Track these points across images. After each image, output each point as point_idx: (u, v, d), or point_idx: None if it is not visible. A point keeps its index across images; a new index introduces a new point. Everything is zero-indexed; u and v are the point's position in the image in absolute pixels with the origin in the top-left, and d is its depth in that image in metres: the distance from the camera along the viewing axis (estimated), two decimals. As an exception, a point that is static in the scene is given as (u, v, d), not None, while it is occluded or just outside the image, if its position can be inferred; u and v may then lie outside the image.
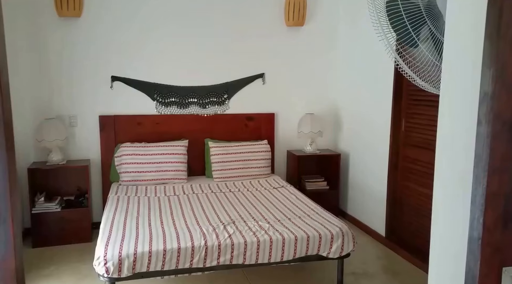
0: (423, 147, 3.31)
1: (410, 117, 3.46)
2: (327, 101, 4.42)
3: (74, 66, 3.70)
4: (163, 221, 2.78)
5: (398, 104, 3.55)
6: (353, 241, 2.74)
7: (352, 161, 4.24)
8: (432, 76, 1.63)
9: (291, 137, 4.33)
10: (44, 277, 2.92)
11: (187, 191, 3.52)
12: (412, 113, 3.43)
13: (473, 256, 0.94)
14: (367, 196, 3.98)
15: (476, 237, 0.93)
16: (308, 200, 3.31)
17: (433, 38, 1.53)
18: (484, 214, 0.90)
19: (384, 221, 3.71)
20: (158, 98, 3.91)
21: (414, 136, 3.41)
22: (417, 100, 3.36)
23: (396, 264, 3.33)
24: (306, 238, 2.61)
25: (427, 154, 3.23)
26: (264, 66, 4.18)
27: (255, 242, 2.52)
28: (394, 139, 3.59)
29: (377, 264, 3.32)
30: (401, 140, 3.56)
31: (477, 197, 0.92)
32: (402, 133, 3.55)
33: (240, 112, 4.13)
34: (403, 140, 3.54)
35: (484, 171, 0.88)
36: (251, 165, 3.91)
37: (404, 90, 3.50)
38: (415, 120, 3.40)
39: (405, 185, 3.51)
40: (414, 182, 3.41)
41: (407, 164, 3.50)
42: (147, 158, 3.65)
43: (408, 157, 3.48)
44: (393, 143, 3.60)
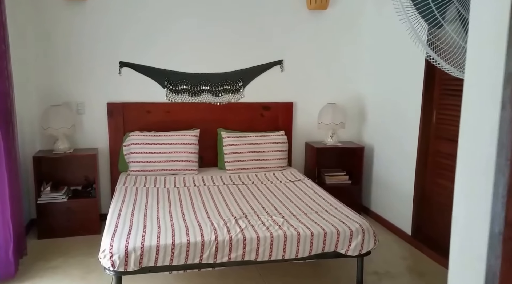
0: (456, 141, 3.22)
1: (442, 108, 3.40)
2: (350, 91, 4.39)
3: (81, 51, 3.77)
4: (172, 213, 2.83)
5: (429, 95, 3.49)
6: (374, 238, 2.73)
7: (377, 155, 4.21)
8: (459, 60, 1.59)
9: (310, 128, 4.32)
10: (50, 269, 3.03)
11: (198, 182, 3.56)
12: (445, 104, 3.37)
13: (494, 253, 0.94)
14: (392, 192, 3.95)
15: (497, 232, 0.92)
16: (327, 194, 3.30)
17: (461, 19, 1.50)
18: (506, 207, 0.90)
19: (410, 219, 3.68)
20: (168, 85, 3.96)
21: (446, 129, 3.35)
22: (451, 90, 3.29)
23: (422, 265, 3.31)
24: (323, 234, 2.62)
25: (459, 148, 3.18)
26: (283, 52, 4.16)
27: (268, 238, 2.54)
28: (424, 132, 3.54)
29: (401, 264, 3.31)
30: (432, 133, 3.51)
31: (499, 188, 0.91)
32: (433, 125, 3.50)
33: (256, 101, 4.14)
34: (434, 133, 3.49)
35: (506, 160, 0.87)
36: (266, 157, 3.93)
37: (437, 80, 3.44)
38: (448, 112, 3.33)
39: (435, 181, 3.47)
40: (445, 178, 3.36)
41: (437, 159, 3.45)
42: (157, 147, 3.71)
43: (439, 151, 3.43)
44: (422, 136, 3.55)
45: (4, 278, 2.75)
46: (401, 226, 3.82)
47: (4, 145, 2.73)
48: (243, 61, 4.09)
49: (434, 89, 3.48)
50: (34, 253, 3.23)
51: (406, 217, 3.73)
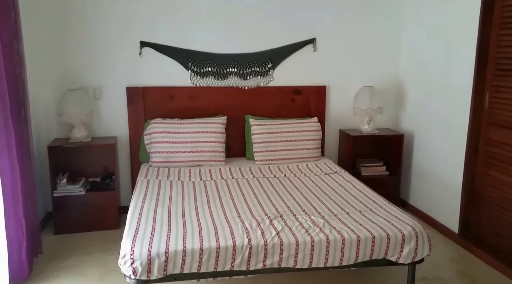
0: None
1: (496, 91, 2.98)
2: (388, 73, 3.96)
3: (98, 31, 3.44)
4: (198, 211, 2.51)
5: (481, 76, 3.06)
6: (429, 243, 2.37)
7: (417, 143, 3.80)
8: None
9: (344, 114, 3.93)
10: (66, 269, 2.76)
11: (225, 175, 3.23)
12: (499, 87, 2.95)
13: None
14: (436, 185, 3.55)
15: None
16: (368, 189, 2.94)
17: None
18: None
19: (457, 215, 3.30)
20: (193, 67, 3.59)
21: (501, 115, 2.94)
22: (506, 71, 2.87)
23: (474, 268, 2.94)
24: (371, 238, 2.26)
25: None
26: (316, 30, 3.76)
27: (308, 242, 2.20)
28: (474, 118, 3.12)
29: (451, 268, 2.94)
30: (484, 120, 3.09)
31: None
32: (485, 110, 3.07)
33: (287, 84, 3.76)
34: (487, 119, 3.07)
35: None
36: (298, 146, 3.56)
37: (490, 59, 3.00)
38: (503, 95, 2.92)
39: (487, 173, 3.07)
40: (498, 170, 2.97)
41: (490, 148, 3.05)
42: (180, 136, 3.37)
43: (492, 139, 3.02)
44: (473, 122, 3.13)
45: (18, 280, 2.49)
46: (446, 223, 3.43)
47: (16, 135, 2.43)
48: (273, 40, 3.69)
49: (487, 69, 3.04)
50: (50, 251, 2.97)
51: (452, 213, 3.34)
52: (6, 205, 2.35)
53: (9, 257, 2.37)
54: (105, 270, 2.73)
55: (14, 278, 2.45)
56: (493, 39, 2.97)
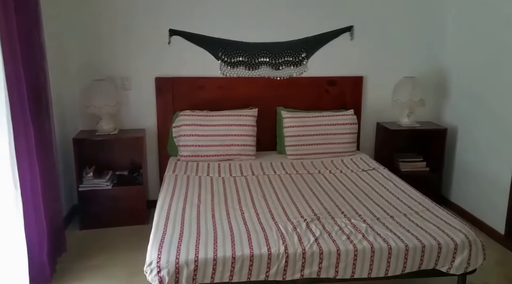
0: None
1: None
2: (431, 62, 3.61)
3: (126, 18, 3.21)
4: (229, 212, 2.28)
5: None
6: (483, 252, 2.08)
7: (461, 138, 3.45)
8: None
9: (382, 106, 3.60)
10: (91, 269, 2.58)
11: (256, 170, 2.98)
12: None
13: None
14: (481, 182, 3.22)
15: None
16: (412, 189, 2.64)
17: None
18: None
19: (504, 215, 2.98)
20: (223, 57, 3.33)
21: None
22: None
23: (524, 274, 2.62)
24: (421, 248, 1.99)
25: None
26: (353, 17, 3.43)
27: (351, 251, 1.94)
28: (529, 113, 2.77)
29: (498, 273, 2.63)
30: (542, 114, 2.72)
31: None
32: (544, 104, 2.70)
33: (321, 75, 3.46)
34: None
35: None
36: (333, 140, 3.27)
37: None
38: None
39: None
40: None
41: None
42: (210, 129, 3.14)
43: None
44: (528, 117, 2.77)
45: (39, 282, 2.32)
46: (491, 223, 3.11)
47: (35, 131, 2.24)
48: (308, 28, 3.38)
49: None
50: (74, 248, 2.81)
51: (499, 213, 3.02)
52: (26, 206, 2.16)
53: (29, 259, 2.19)
54: (133, 270, 2.54)
55: (35, 281, 2.28)
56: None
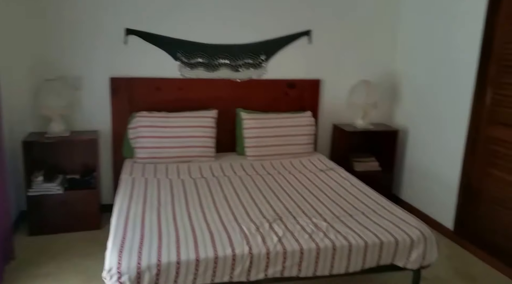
0: None
1: (500, 88, 2.80)
2: (384, 67, 3.75)
3: (80, 15, 3.06)
4: (191, 214, 2.23)
5: (484, 71, 2.87)
6: (437, 247, 2.17)
7: (411, 138, 3.61)
8: None
9: (338, 109, 3.69)
10: (42, 277, 2.41)
11: (216, 172, 2.95)
12: (503, 83, 2.77)
13: None
14: (430, 181, 3.38)
15: None
16: (367, 188, 2.72)
17: None
18: None
19: (453, 212, 3.15)
20: (182, 58, 3.27)
21: (504, 112, 2.77)
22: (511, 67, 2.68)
23: (471, 267, 2.80)
24: (379, 244, 2.05)
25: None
26: (311, 22, 3.48)
27: (313, 249, 1.96)
28: (475, 115, 2.94)
29: (448, 266, 2.77)
30: (485, 117, 2.90)
31: None
32: (487, 107, 2.89)
33: (280, 77, 3.48)
34: (488, 116, 2.88)
35: None
36: (291, 141, 3.31)
37: (494, 54, 2.81)
38: (506, 92, 2.74)
39: (487, 171, 2.90)
40: (500, 168, 2.81)
41: (490, 146, 2.87)
42: (168, 130, 3.07)
43: (493, 137, 2.85)
44: (473, 119, 2.95)
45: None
46: (440, 219, 3.27)
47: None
48: (267, 31, 3.40)
49: (490, 65, 2.84)
50: (24, 256, 2.62)
51: (447, 210, 3.19)
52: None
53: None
54: (86, 277, 2.41)
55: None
56: (499, 34, 2.77)
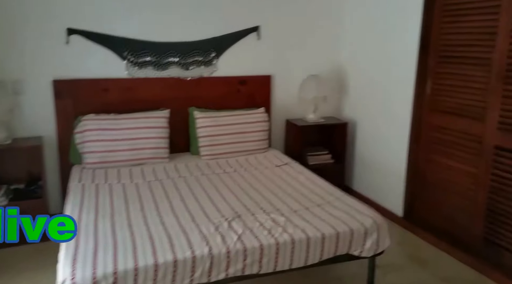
0: (453, 113, 2.86)
1: (438, 78, 2.95)
2: (330, 61, 3.83)
3: (15, 15, 2.87)
4: (147, 218, 2.17)
5: (424, 63, 3.02)
6: (389, 234, 2.27)
7: (360, 130, 3.73)
8: None
9: (289, 104, 3.74)
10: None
11: (171, 173, 2.89)
12: (441, 73, 2.93)
13: None
14: (379, 170, 3.51)
15: None
16: (322, 181, 2.78)
17: None
18: None
19: (401, 199, 3.29)
20: (129, 57, 3.16)
21: (443, 101, 2.94)
22: (448, 57, 2.86)
23: (421, 251, 2.94)
24: (335, 234, 2.10)
25: (458, 121, 2.82)
26: (259, 18, 3.49)
27: (273, 245, 1.98)
28: (417, 105, 3.09)
29: (400, 252, 2.90)
30: (426, 106, 3.07)
31: None
32: (427, 97, 3.05)
33: (231, 74, 3.47)
34: (429, 105, 3.05)
35: None
36: (246, 138, 3.31)
37: (432, 46, 2.97)
38: (444, 82, 2.90)
39: (429, 157, 3.07)
40: (440, 154, 2.97)
41: (432, 133, 3.04)
42: (118, 133, 2.96)
43: (434, 124, 3.01)
44: (415, 108, 3.10)
45: None
46: (390, 207, 3.41)
47: None
48: (216, 28, 3.36)
49: (429, 56, 3.00)
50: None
51: (396, 197, 3.33)
52: None
53: None
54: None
55: None
56: (436, 26, 2.93)
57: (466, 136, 2.76)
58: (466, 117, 2.75)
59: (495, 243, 2.60)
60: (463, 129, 2.78)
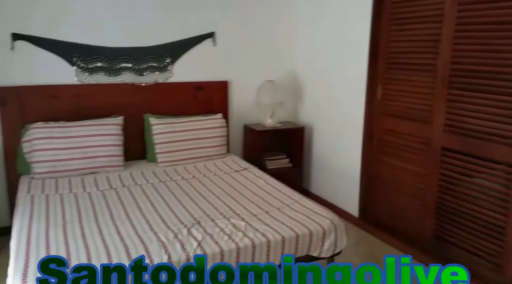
0: (401, 116, 3.00)
1: (387, 83, 3.09)
2: (286, 67, 3.91)
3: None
4: (102, 228, 2.10)
5: (373, 69, 3.16)
6: (346, 234, 2.33)
7: (317, 134, 3.82)
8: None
9: (247, 109, 3.77)
10: None
11: (126, 181, 2.81)
12: (390, 79, 3.07)
13: None
14: (335, 173, 3.61)
15: None
16: (281, 184, 2.82)
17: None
18: None
19: (357, 200, 3.40)
20: (78, 62, 3.06)
21: (391, 105, 3.07)
22: (395, 64, 3.01)
23: (376, 249, 3.04)
24: (295, 237, 2.13)
25: (406, 124, 2.95)
26: (215, 23, 3.50)
27: (234, 250, 1.97)
28: (369, 109, 3.22)
29: (357, 252, 2.98)
30: (377, 110, 3.20)
31: None
32: (378, 101, 3.18)
33: (187, 80, 3.44)
34: (379, 109, 3.18)
35: None
36: (203, 144, 3.29)
37: (381, 53, 3.11)
38: (393, 87, 3.04)
39: (381, 159, 3.20)
40: (390, 155, 3.11)
41: (383, 136, 3.17)
42: (69, 141, 2.85)
43: (385, 128, 3.15)
44: (368, 113, 3.22)
45: None
46: (346, 208, 3.51)
47: None
48: (171, 33, 3.33)
49: (378, 62, 3.14)
50: None
51: (352, 198, 3.44)
52: None
53: None
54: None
55: None
56: (384, 34, 3.07)
57: (415, 138, 2.90)
58: (414, 120, 2.88)
59: (445, 240, 2.74)
60: (412, 132, 2.92)
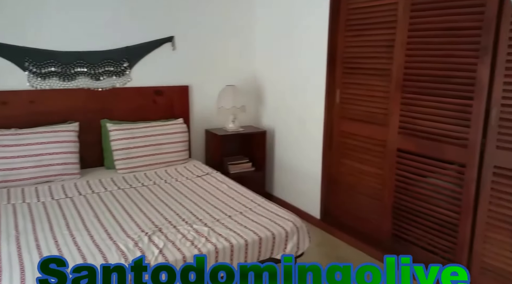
0: (359, 120, 3.10)
1: (345, 87, 3.19)
2: (246, 72, 3.94)
3: None
4: (58, 239, 2.02)
5: (332, 74, 3.25)
6: (308, 236, 2.37)
7: (278, 138, 3.88)
8: None
9: (209, 114, 3.76)
10: None
11: (83, 190, 2.73)
12: (347, 83, 3.17)
13: None
14: (297, 176, 3.67)
15: None
16: (243, 188, 2.83)
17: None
18: None
19: (318, 202, 3.47)
20: (30, 67, 2.94)
21: (350, 109, 3.17)
22: (352, 69, 3.10)
23: (339, 250, 3.12)
24: (258, 240, 2.15)
25: (364, 127, 3.05)
26: (174, 28, 3.47)
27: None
28: (328, 113, 3.30)
29: (320, 253, 3.05)
30: (336, 113, 3.29)
31: None
32: (337, 106, 3.27)
33: (146, 84, 3.39)
34: (338, 113, 3.27)
35: None
36: (164, 150, 3.25)
37: (339, 58, 3.20)
38: (351, 91, 3.14)
39: (341, 161, 3.28)
40: (349, 158, 3.21)
41: (342, 139, 3.27)
42: (21, 149, 2.73)
43: (344, 131, 3.24)
44: (327, 116, 3.31)
45: None
46: (308, 210, 3.58)
47: None
48: (128, 37, 3.27)
49: (336, 67, 3.24)
50: None
51: (313, 201, 3.50)
52: None
53: None
54: None
55: None
56: (340, 40, 3.16)
57: (372, 141, 3.00)
58: (372, 123, 2.99)
59: (402, 238, 2.85)
60: (369, 134, 3.02)
